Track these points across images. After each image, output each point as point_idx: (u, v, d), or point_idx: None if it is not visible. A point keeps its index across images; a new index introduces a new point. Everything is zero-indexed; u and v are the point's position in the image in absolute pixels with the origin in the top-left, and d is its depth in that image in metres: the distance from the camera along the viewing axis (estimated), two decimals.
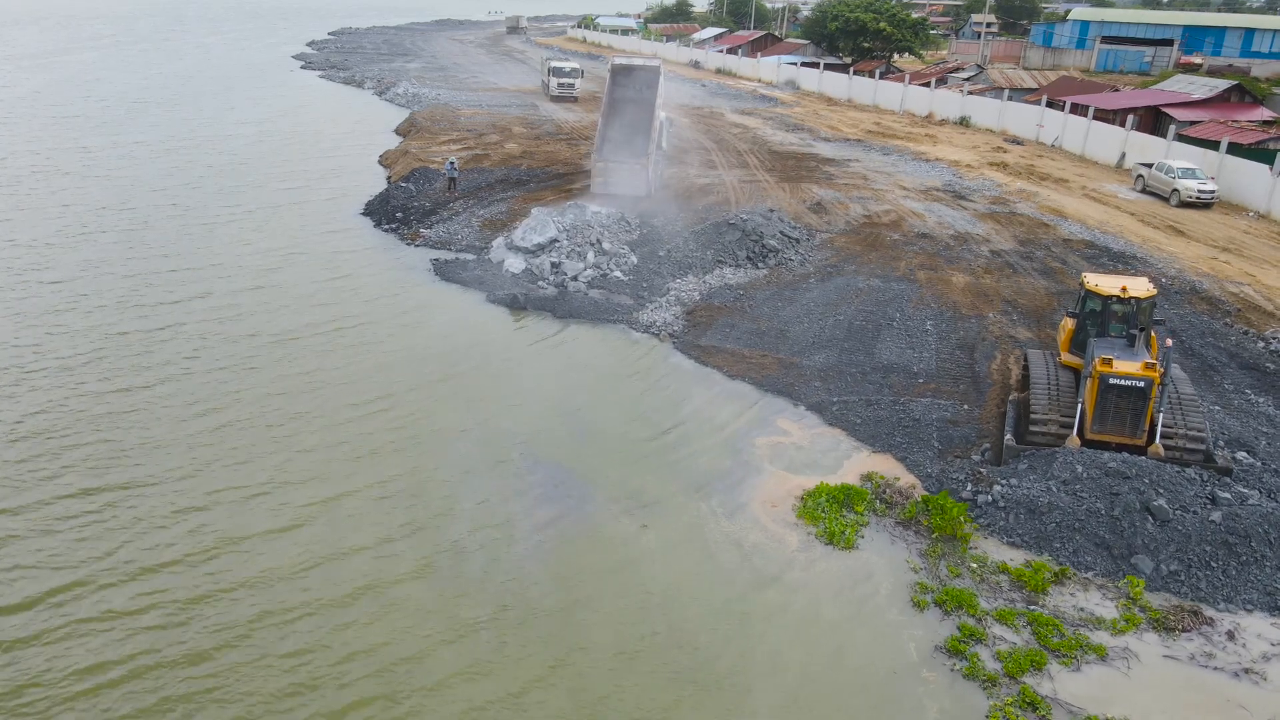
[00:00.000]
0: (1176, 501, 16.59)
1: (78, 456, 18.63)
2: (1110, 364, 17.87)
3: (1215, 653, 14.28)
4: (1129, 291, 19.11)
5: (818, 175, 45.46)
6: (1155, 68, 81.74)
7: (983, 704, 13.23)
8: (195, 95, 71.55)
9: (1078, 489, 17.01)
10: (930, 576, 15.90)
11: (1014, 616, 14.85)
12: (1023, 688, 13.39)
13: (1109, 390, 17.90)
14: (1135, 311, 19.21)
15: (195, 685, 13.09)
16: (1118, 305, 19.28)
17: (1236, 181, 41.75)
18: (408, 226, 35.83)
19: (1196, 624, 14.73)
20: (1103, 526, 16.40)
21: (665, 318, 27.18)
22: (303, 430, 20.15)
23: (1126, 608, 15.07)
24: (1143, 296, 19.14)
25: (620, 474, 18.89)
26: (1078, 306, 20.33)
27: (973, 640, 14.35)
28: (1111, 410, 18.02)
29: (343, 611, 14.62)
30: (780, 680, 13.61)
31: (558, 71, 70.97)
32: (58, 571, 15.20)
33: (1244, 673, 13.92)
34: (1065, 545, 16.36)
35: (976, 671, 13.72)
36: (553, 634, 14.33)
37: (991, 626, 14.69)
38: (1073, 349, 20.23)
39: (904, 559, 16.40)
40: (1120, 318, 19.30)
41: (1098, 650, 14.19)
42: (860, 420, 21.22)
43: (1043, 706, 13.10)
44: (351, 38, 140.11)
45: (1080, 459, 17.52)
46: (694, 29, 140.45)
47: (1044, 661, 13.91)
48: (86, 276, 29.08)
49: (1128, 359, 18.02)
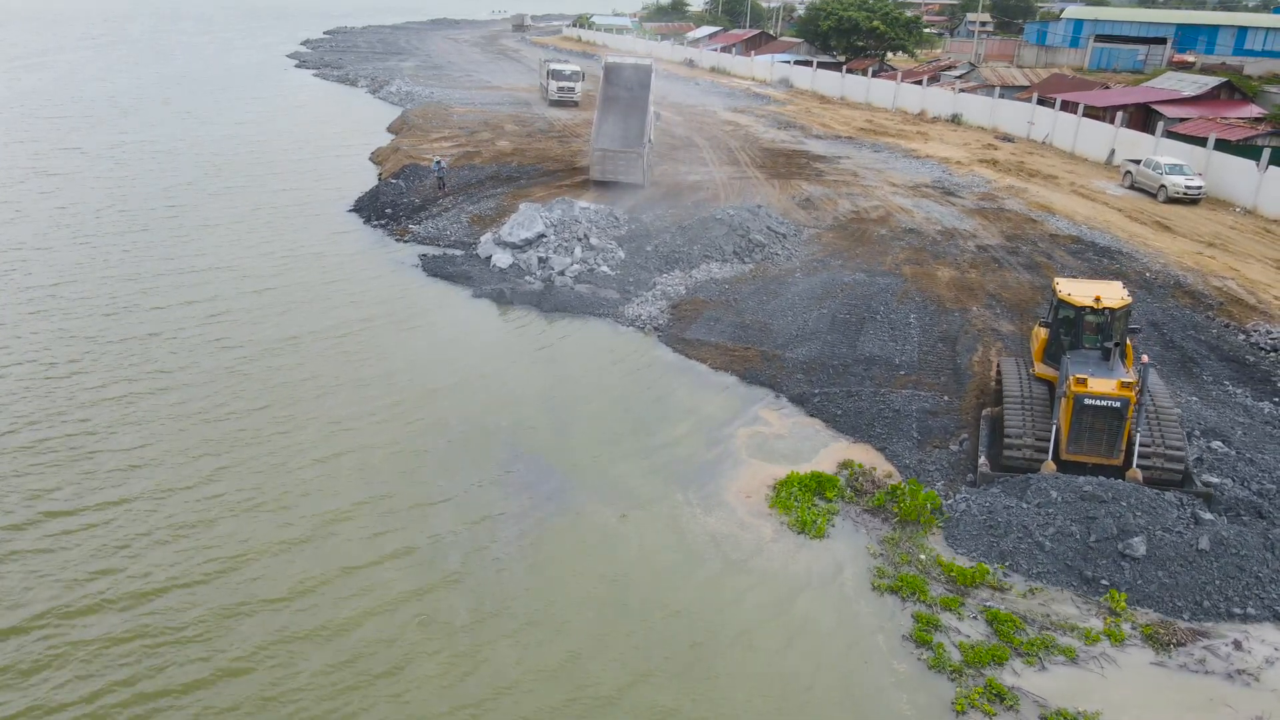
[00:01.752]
0: (1158, 524, 15.96)
1: (57, 445, 18.76)
2: (1085, 384, 17.11)
3: (1206, 658, 13.99)
4: (1103, 302, 18.04)
5: (808, 172, 45.59)
6: (1149, 66, 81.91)
7: (948, 691, 13.35)
8: (189, 95, 71.55)
9: (1051, 512, 16.43)
10: (887, 562, 16.06)
11: (958, 603, 14.93)
12: (989, 680, 13.44)
13: (1084, 411, 17.14)
14: (1110, 322, 18.25)
15: (186, 673, 13.21)
16: (1091, 316, 18.35)
17: (1223, 177, 41.92)
18: (396, 223, 35.95)
19: (1190, 638, 14.24)
20: (1077, 552, 15.79)
21: (651, 312, 27.30)
22: (283, 424, 20.25)
23: (1110, 623, 14.59)
24: (1117, 306, 18.10)
25: (601, 465, 19.02)
26: (1050, 315, 19.37)
27: (933, 628, 14.44)
28: (1087, 431, 17.25)
29: (320, 595, 14.73)
30: (748, 663, 13.75)
31: (557, 75, 66.25)
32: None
33: (1237, 674, 13.65)
34: (1029, 564, 15.81)
35: (943, 662, 13.81)
36: (530, 619, 14.46)
37: (941, 613, 14.80)
38: (1046, 359, 19.34)
39: (865, 545, 16.55)
40: (1094, 328, 18.40)
41: (1066, 651, 14.01)
42: (841, 411, 21.36)
43: (1010, 697, 13.17)
44: (346, 37, 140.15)
45: (1055, 484, 16.82)
46: (689, 28, 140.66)
47: (1005, 656, 13.86)
48: (79, 274, 29.18)
49: (1103, 376, 17.31)
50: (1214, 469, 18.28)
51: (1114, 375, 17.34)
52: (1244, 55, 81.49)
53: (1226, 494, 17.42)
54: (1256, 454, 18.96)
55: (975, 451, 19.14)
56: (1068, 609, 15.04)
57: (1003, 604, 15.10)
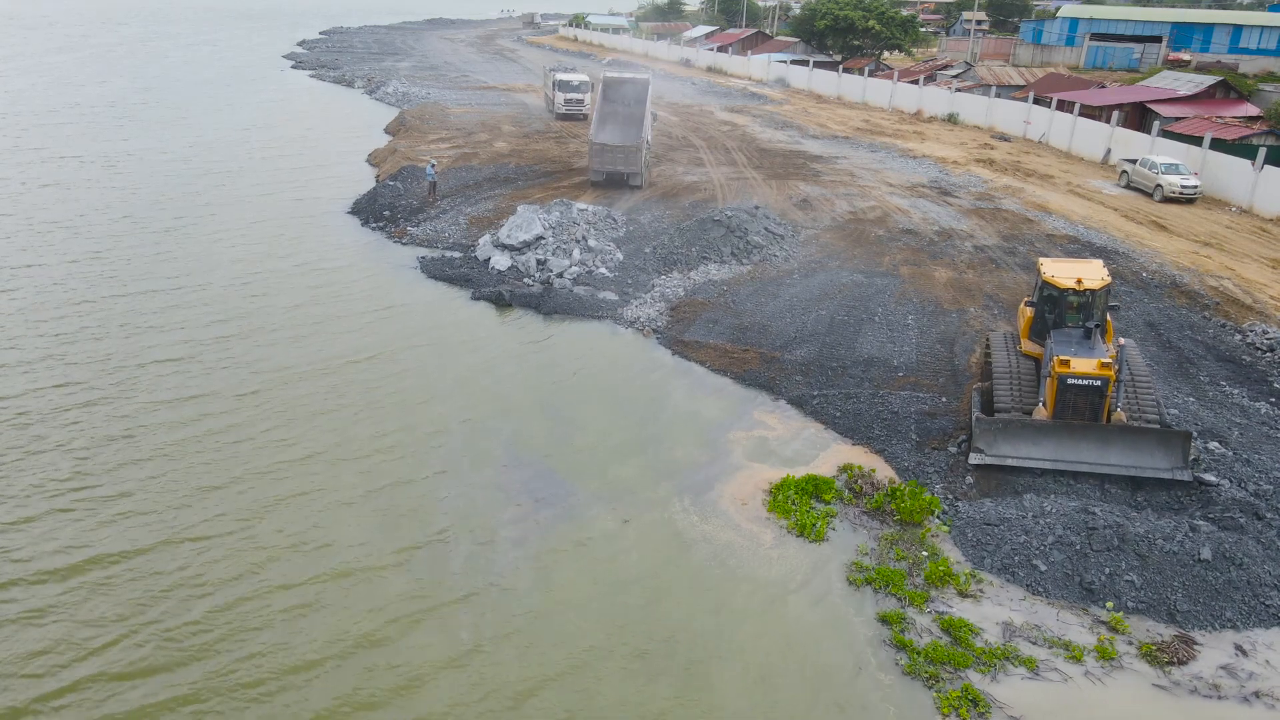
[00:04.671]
0: (1157, 532, 15.98)
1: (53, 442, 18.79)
2: (1068, 364, 18.25)
3: (1204, 671, 13.86)
4: (1084, 284, 19.40)
5: (805, 172, 45.66)
6: (1144, 64, 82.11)
7: (926, 698, 13.36)
8: (185, 97, 71.44)
9: (1045, 522, 16.49)
10: (876, 560, 16.15)
11: (924, 600, 15.03)
12: (965, 684, 13.42)
13: (1068, 390, 18.36)
14: (1091, 302, 19.56)
15: (184, 688, 13.25)
16: (1074, 297, 19.67)
17: (1219, 177, 42.05)
18: (394, 225, 35.97)
19: (1189, 653, 14.11)
20: (1071, 561, 15.79)
21: (649, 313, 27.36)
22: (283, 425, 20.27)
23: (1105, 638, 14.49)
24: (1097, 287, 19.46)
25: (600, 469, 19.07)
26: (1035, 295, 20.74)
27: (902, 625, 14.54)
28: (1071, 406, 18.46)
29: (320, 600, 14.77)
30: (745, 668, 13.82)
31: (564, 85, 59.59)
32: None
33: (1252, 696, 13.45)
34: (1025, 573, 15.82)
35: (917, 669, 13.74)
36: (529, 622, 14.51)
37: (907, 609, 14.95)
38: (1032, 336, 20.71)
39: (869, 546, 16.62)
40: (1076, 308, 19.71)
41: (1027, 663, 13.87)
42: (839, 413, 21.43)
43: (982, 704, 13.13)
44: (342, 37, 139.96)
45: (1051, 503, 17.02)
46: (685, 27, 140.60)
47: (967, 662, 13.81)
48: (79, 273, 29.19)
49: (1085, 356, 18.48)
50: (1211, 470, 18.35)
51: (1095, 355, 18.61)
52: (1239, 53, 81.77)
53: (1224, 494, 17.51)
54: (1253, 455, 19.07)
55: (970, 410, 20.07)
56: (1068, 620, 15.04)
57: (1001, 613, 15.18)
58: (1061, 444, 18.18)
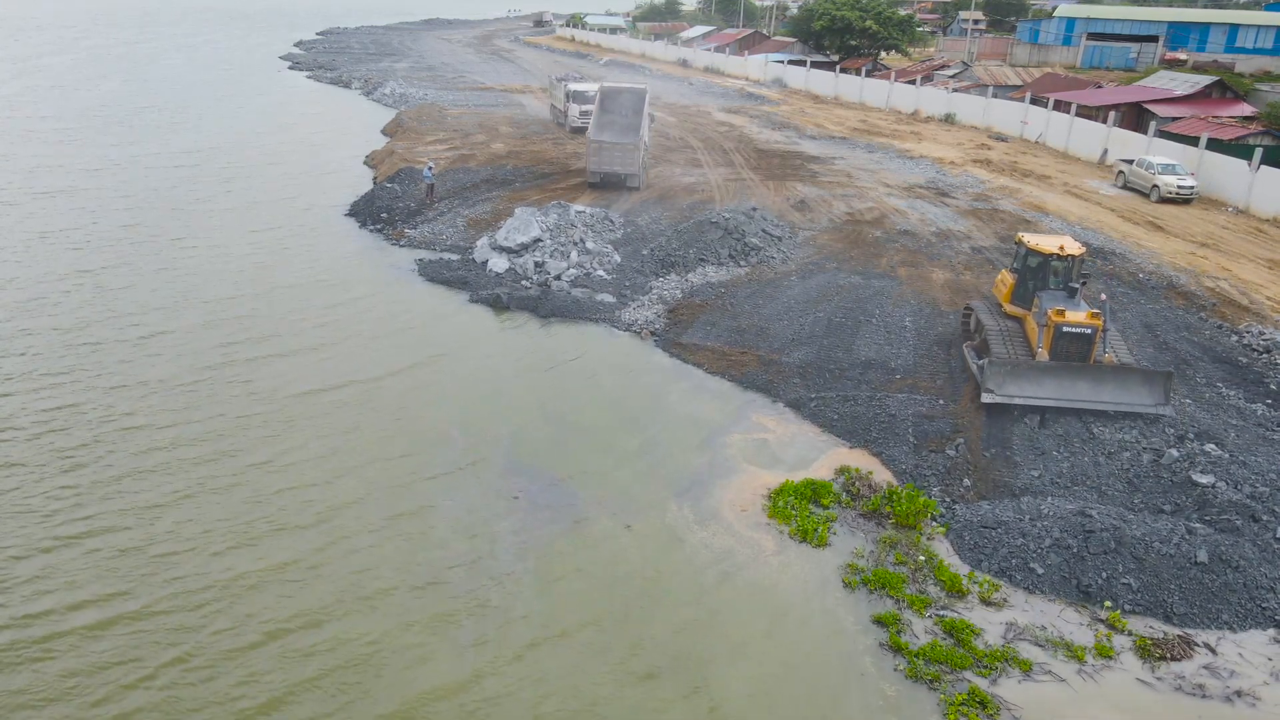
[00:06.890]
0: (1154, 535, 16.05)
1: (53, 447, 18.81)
2: (1063, 314, 20.92)
3: (1199, 673, 13.95)
4: (1066, 250, 22.07)
5: (802, 173, 45.70)
6: (1141, 64, 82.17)
7: (927, 696, 13.44)
8: (182, 99, 71.38)
9: (1042, 525, 16.57)
10: (872, 562, 16.20)
11: (925, 605, 15.06)
12: (971, 686, 13.49)
13: (1063, 337, 20.83)
14: (1071, 266, 22.11)
15: (186, 690, 13.28)
16: (1056, 262, 22.17)
17: (1216, 177, 42.11)
18: (392, 226, 35.98)
19: (1185, 652, 14.16)
20: (1068, 564, 15.89)
21: (647, 316, 27.39)
22: (282, 431, 20.29)
23: (1102, 635, 14.58)
24: (1077, 254, 22.16)
25: (599, 473, 19.10)
26: (1018, 263, 23.03)
27: (901, 626, 14.59)
28: (1064, 352, 20.92)
29: (322, 606, 14.80)
30: (748, 674, 13.86)
31: (579, 97, 53.81)
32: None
33: (1234, 695, 13.55)
34: (1022, 576, 15.89)
35: (919, 672, 13.84)
36: (529, 627, 14.55)
37: (904, 612, 15.00)
38: (1014, 300, 23.01)
39: (865, 549, 16.66)
40: (1058, 272, 22.21)
41: (1023, 665, 13.95)
42: (837, 416, 21.47)
43: (990, 706, 13.21)
44: (340, 38, 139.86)
45: (1048, 505, 17.25)
46: (682, 27, 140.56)
47: (966, 664, 13.88)
48: (77, 274, 29.19)
49: (1074, 309, 21.11)
50: (1207, 472, 18.39)
51: (1082, 309, 21.21)
52: (1235, 53, 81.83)
53: (1220, 497, 17.56)
54: (1249, 456, 19.11)
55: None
56: (1067, 621, 15.10)
57: (1003, 616, 15.23)
58: (1061, 383, 20.35)
